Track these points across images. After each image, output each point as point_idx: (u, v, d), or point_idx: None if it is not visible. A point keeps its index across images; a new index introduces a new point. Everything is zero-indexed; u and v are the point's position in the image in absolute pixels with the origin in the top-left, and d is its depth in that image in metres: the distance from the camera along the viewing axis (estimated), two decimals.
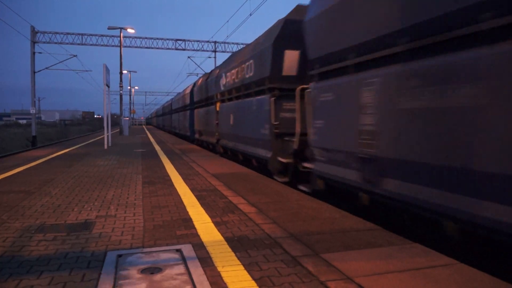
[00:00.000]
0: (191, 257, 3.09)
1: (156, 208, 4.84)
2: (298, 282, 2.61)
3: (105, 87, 14.91)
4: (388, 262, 2.93)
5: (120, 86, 28.35)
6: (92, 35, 33.27)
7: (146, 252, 3.21)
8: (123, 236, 3.66)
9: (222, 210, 4.72)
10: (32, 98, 28.31)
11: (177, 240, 3.54)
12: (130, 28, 28.29)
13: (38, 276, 2.74)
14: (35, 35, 29.82)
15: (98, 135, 28.89)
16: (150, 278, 2.68)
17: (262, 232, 3.78)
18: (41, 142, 30.60)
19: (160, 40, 35.18)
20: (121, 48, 28.62)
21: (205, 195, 5.61)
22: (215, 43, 36.41)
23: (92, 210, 4.72)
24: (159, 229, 3.91)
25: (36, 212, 4.62)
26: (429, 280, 2.60)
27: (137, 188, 6.21)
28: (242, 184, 6.57)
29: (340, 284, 2.56)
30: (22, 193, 5.81)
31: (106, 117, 15.64)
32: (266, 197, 5.46)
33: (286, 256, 3.11)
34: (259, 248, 3.30)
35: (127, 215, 4.46)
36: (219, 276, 2.73)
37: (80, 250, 3.29)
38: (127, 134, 27.56)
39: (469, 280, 2.59)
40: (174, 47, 35.31)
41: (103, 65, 14.72)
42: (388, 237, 3.56)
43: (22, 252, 3.24)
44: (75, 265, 2.94)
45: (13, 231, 3.85)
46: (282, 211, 4.62)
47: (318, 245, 3.37)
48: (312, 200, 5.23)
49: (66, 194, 5.73)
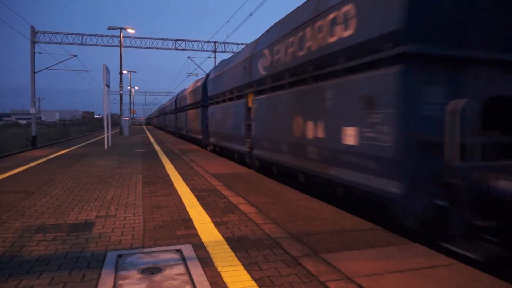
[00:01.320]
0: (191, 257, 3.09)
1: (156, 208, 4.84)
2: (298, 282, 2.61)
3: (105, 87, 14.91)
4: (388, 262, 2.93)
5: (120, 86, 28.35)
6: (92, 35, 33.27)
7: (146, 252, 3.21)
8: (123, 236, 3.66)
9: (222, 210, 4.72)
10: (32, 98, 28.31)
11: (177, 240, 3.54)
12: (130, 28, 28.29)
13: (38, 276, 2.74)
14: (35, 35, 29.82)
15: (98, 135, 28.89)
16: (150, 278, 2.68)
17: (262, 232, 3.78)
18: (41, 142, 30.60)
19: (160, 40, 35.18)
20: (121, 48, 28.62)
21: (205, 195, 5.60)
22: (215, 43, 36.41)
23: (92, 210, 4.72)
24: (159, 229, 3.91)
25: (36, 212, 4.62)
26: (429, 280, 2.60)
27: (137, 188, 6.21)
28: (242, 184, 6.56)
29: (340, 284, 2.56)
30: (22, 193, 5.81)
31: (106, 117, 15.64)
32: (266, 197, 5.46)
33: (286, 256, 3.11)
34: (259, 248, 3.30)
35: (127, 215, 4.46)
36: (219, 276, 2.73)
37: (80, 250, 3.29)
38: (127, 134, 27.56)
39: (469, 280, 2.59)
40: (174, 47, 35.31)
41: (103, 65, 14.72)
42: (388, 237, 3.56)
43: (22, 252, 3.24)
44: (75, 265, 2.93)
45: (13, 231, 3.85)
46: (282, 211, 4.62)
47: (318, 245, 3.37)
48: (312, 200, 5.23)
49: (66, 194, 5.72)
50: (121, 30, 28.24)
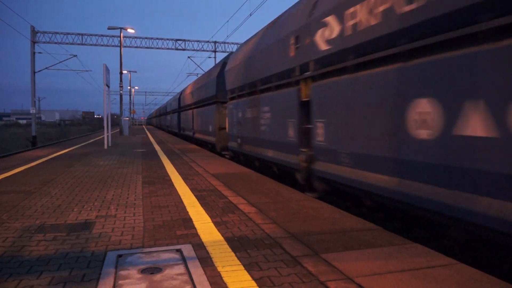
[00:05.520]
0: (191, 257, 3.09)
1: (156, 208, 4.84)
2: (298, 282, 2.61)
3: (105, 87, 14.91)
4: (388, 262, 2.93)
5: (120, 86, 28.35)
6: (92, 35, 33.28)
7: (146, 252, 3.21)
8: (123, 236, 3.66)
9: (222, 210, 4.72)
10: (32, 98, 28.31)
11: (177, 240, 3.54)
12: (130, 28, 28.30)
13: (38, 276, 2.74)
14: (35, 35, 29.82)
15: (98, 135, 28.88)
16: (150, 278, 2.68)
17: (262, 232, 3.78)
18: (41, 142, 30.60)
19: (160, 40, 35.19)
20: (121, 48, 28.62)
21: (205, 195, 5.60)
22: (215, 43, 36.42)
23: (92, 210, 4.72)
24: (159, 229, 3.91)
25: (36, 212, 4.62)
26: (429, 280, 2.60)
27: (137, 188, 6.21)
28: (242, 184, 6.56)
29: (340, 284, 2.56)
30: (22, 193, 5.81)
31: (106, 117, 15.64)
32: (266, 197, 5.46)
33: (286, 256, 3.11)
34: (259, 248, 3.30)
35: (127, 215, 4.46)
36: (219, 276, 2.73)
37: (80, 250, 3.29)
38: (127, 134, 27.55)
39: (469, 280, 2.59)
40: (174, 47, 35.32)
41: (103, 65, 14.72)
42: (388, 237, 3.56)
43: (22, 252, 3.24)
44: (75, 265, 2.93)
45: (13, 231, 3.85)
46: (282, 211, 4.62)
47: (318, 245, 3.37)
48: (312, 200, 5.23)
49: (66, 194, 5.72)
50: (121, 30, 28.25)
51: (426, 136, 3.61)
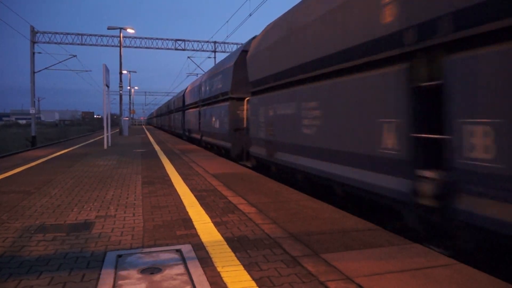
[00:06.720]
0: (191, 257, 3.09)
1: (156, 208, 4.83)
2: (298, 282, 2.61)
3: (105, 87, 14.90)
4: (388, 262, 2.93)
5: (120, 86, 28.34)
6: (91, 35, 33.28)
7: (146, 252, 3.20)
8: (123, 236, 3.66)
9: (222, 210, 4.72)
10: (32, 98, 28.30)
11: (177, 240, 3.53)
12: (130, 28, 28.29)
13: (38, 276, 2.74)
14: (35, 35, 29.82)
15: (98, 135, 28.88)
16: (150, 278, 2.68)
17: (262, 232, 3.78)
18: (41, 142, 30.59)
19: (160, 40, 35.20)
20: (121, 48, 28.61)
21: (205, 195, 5.60)
22: (214, 43, 36.42)
23: (92, 210, 4.71)
24: (159, 229, 3.91)
25: (36, 212, 4.62)
26: (429, 280, 2.60)
27: (137, 188, 6.21)
28: (241, 184, 6.56)
29: (340, 284, 2.56)
30: (22, 193, 5.81)
31: (105, 117, 15.64)
32: (266, 197, 5.46)
33: (286, 256, 3.10)
34: (259, 248, 3.30)
35: (127, 215, 4.46)
36: (219, 276, 2.73)
37: (79, 250, 3.28)
38: (127, 134, 27.55)
39: (469, 280, 2.59)
40: (174, 47, 35.32)
41: (103, 65, 14.71)
42: (388, 237, 3.56)
43: (22, 252, 3.23)
44: (75, 265, 2.93)
45: (13, 231, 3.84)
46: (282, 211, 4.62)
47: (318, 245, 3.37)
48: (312, 200, 5.23)
49: (66, 194, 5.72)
50: (121, 30, 28.23)
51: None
